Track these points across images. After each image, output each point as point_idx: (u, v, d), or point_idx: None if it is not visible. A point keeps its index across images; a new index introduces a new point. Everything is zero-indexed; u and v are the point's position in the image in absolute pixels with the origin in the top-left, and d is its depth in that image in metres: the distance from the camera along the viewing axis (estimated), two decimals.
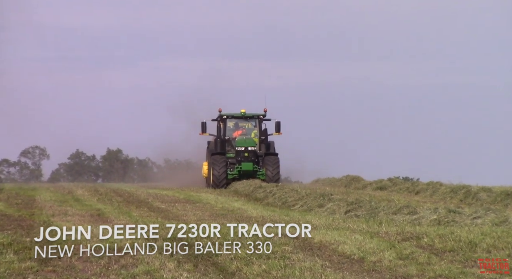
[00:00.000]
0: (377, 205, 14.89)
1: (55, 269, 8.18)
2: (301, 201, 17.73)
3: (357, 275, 8.06)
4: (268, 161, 25.34)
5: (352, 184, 29.11)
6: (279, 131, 26.22)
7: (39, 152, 63.46)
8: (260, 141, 26.30)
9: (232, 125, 26.87)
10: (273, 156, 25.77)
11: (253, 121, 26.79)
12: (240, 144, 25.69)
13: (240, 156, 25.53)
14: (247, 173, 25.23)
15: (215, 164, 25.04)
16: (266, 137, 26.47)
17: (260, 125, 26.51)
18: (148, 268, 8.17)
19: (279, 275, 7.89)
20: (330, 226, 11.99)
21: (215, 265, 8.44)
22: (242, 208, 16.53)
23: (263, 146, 26.29)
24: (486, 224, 11.75)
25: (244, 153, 25.46)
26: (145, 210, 15.59)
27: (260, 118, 26.54)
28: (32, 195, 18.92)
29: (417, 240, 9.73)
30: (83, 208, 15.41)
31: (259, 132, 26.50)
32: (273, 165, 25.12)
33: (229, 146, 26.38)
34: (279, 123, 26.20)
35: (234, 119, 26.84)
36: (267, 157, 25.57)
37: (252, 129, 26.79)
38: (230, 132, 26.71)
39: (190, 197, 20.02)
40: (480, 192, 20.14)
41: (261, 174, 25.31)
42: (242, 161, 25.45)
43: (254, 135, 26.57)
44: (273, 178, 24.88)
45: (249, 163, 25.33)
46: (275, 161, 25.30)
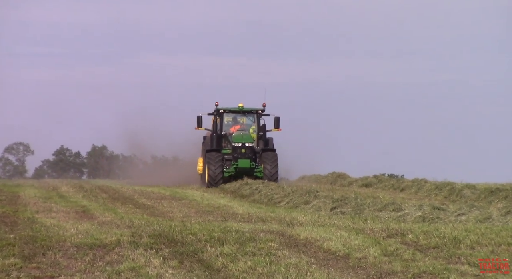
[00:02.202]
0: (362, 202, 14.96)
1: (39, 266, 8.12)
2: (287, 198, 17.76)
3: (342, 271, 8.09)
4: (266, 158, 24.12)
5: (338, 181, 29.19)
6: (278, 126, 24.94)
7: (23, 148, 62.99)
8: (258, 137, 25.07)
9: (229, 120, 25.62)
10: (271, 152, 24.49)
11: (251, 116, 25.50)
12: (237, 140, 24.44)
13: (236, 153, 24.29)
14: (244, 170, 24.12)
15: (210, 162, 23.87)
16: (265, 133, 25.22)
17: (259, 120, 25.21)
18: (134, 265, 8.14)
19: (265, 272, 7.90)
20: (316, 223, 12.02)
21: (200, 261, 8.43)
22: (228, 205, 16.52)
23: (261, 142, 25.05)
24: (470, 221, 11.85)
25: (241, 150, 24.24)
26: (130, 207, 15.53)
27: (258, 113, 25.20)
28: (16, 192, 18.77)
29: (402, 236, 9.80)
30: (68, 204, 15.31)
31: (257, 128, 25.22)
32: (271, 162, 23.91)
33: (225, 141, 25.14)
34: (278, 119, 24.91)
35: (231, 114, 25.53)
36: (265, 154, 24.36)
37: (250, 125, 25.53)
38: (227, 127, 25.47)
39: (176, 194, 19.98)
40: (464, 189, 20.30)
41: (258, 171, 24.20)
42: (239, 157, 24.23)
43: (252, 131, 25.30)
44: (272, 176, 23.70)
45: (246, 160, 24.19)
46: (273, 158, 24.07)
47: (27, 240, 9.39)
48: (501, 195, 18.12)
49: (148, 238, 9.54)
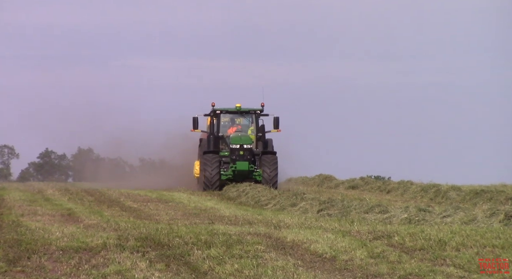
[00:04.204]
0: (349, 204, 15.01)
1: (24, 270, 8.05)
2: (273, 201, 17.77)
3: (329, 273, 8.11)
4: (265, 160, 23.06)
5: (324, 183, 29.27)
6: (278, 127, 23.83)
7: (8, 151, 62.46)
8: (256, 139, 23.92)
9: (227, 121, 24.59)
10: (271, 155, 23.37)
11: (249, 116, 24.43)
12: (235, 141, 23.31)
13: (234, 155, 23.18)
14: (242, 173, 23.08)
15: (206, 164, 22.83)
16: (264, 134, 24.03)
17: (257, 121, 24.10)
18: (120, 268, 8.10)
19: (252, 274, 7.90)
20: (303, 225, 12.04)
21: (187, 264, 8.40)
22: (215, 207, 16.49)
23: (260, 144, 23.90)
24: (455, 222, 11.93)
25: (239, 152, 23.13)
26: (117, 209, 15.45)
27: (257, 113, 24.09)
28: (0, 195, 18.60)
29: (388, 238, 9.84)
30: (54, 207, 15.20)
31: (256, 129, 24.08)
32: (270, 165, 22.85)
33: (223, 143, 24.07)
34: (277, 119, 23.82)
35: (228, 114, 24.48)
36: (264, 156, 23.26)
37: (249, 126, 24.47)
38: (224, 129, 24.39)
39: (163, 196, 19.91)
40: (449, 191, 20.45)
41: (257, 174, 23.16)
42: (237, 160, 23.13)
43: (251, 132, 24.21)
44: (271, 180, 22.64)
45: (244, 162, 23.07)
46: (273, 161, 22.99)
47: (12, 243, 9.31)
48: (486, 197, 18.27)
49: (135, 241, 9.50)
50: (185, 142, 28.64)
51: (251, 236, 10.05)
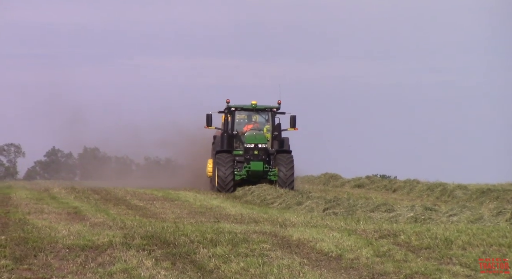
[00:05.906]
0: (355, 203, 15.00)
1: (31, 268, 8.08)
2: (279, 199, 17.77)
3: (335, 272, 8.11)
4: (280, 160, 21.92)
5: (330, 182, 29.29)
6: (295, 126, 22.88)
7: (14, 149, 62.73)
8: (272, 137, 22.94)
9: (241, 119, 23.65)
10: (287, 154, 22.25)
11: (265, 114, 23.41)
12: (249, 140, 22.28)
13: (249, 154, 22.16)
14: (257, 173, 22.04)
15: (220, 164, 21.81)
16: (280, 133, 22.90)
17: (273, 119, 23.11)
18: (126, 266, 8.12)
19: (257, 273, 7.90)
20: (309, 223, 12.04)
21: (193, 263, 8.41)
22: (220, 205, 16.51)
23: (276, 143, 22.83)
24: (461, 221, 11.90)
25: (254, 151, 22.07)
26: (123, 208, 15.49)
27: (273, 111, 23.03)
28: (7, 193, 18.68)
29: (394, 237, 9.82)
30: (60, 206, 15.25)
31: (272, 127, 23.07)
32: (286, 165, 21.68)
33: (237, 142, 23.06)
34: (294, 117, 22.82)
35: (243, 112, 23.50)
36: (280, 156, 22.13)
37: (264, 124, 23.41)
38: (239, 127, 23.40)
39: (169, 194, 19.94)
40: (456, 189, 20.42)
41: (272, 174, 22.05)
42: (251, 159, 22.07)
43: (266, 131, 23.17)
44: (287, 180, 21.52)
45: (259, 162, 22.01)
46: (288, 161, 21.81)
47: (19, 241, 9.35)
48: (493, 196, 18.23)
49: (141, 239, 9.52)
50: (192, 141, 28.55)
51: (257, 235, 10.05)
